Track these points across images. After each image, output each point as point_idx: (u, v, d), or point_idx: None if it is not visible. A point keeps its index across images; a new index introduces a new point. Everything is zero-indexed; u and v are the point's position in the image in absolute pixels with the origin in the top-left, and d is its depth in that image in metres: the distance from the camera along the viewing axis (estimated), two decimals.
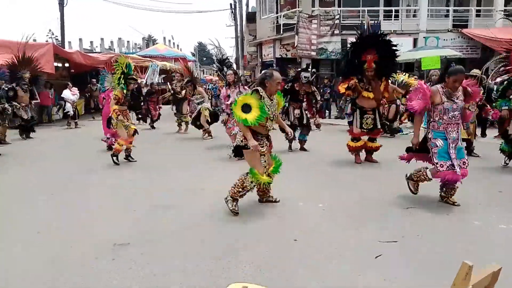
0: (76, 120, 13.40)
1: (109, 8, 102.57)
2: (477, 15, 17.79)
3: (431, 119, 4.32)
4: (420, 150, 4.54)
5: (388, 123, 9.81)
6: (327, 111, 15.11)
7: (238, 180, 4.10)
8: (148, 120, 13.21)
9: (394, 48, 6.35)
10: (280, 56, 18.89)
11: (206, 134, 10.11)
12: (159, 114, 13.39)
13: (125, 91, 6.80)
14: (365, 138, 6.82)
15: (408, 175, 4.72)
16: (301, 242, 3.43)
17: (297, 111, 7.96)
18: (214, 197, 4.86)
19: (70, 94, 13.26)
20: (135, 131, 7.05)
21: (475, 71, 7.28)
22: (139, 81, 11.27)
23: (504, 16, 14.09)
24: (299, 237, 3.52)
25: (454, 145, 4.21)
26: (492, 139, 8.13)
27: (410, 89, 9.15)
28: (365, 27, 6.43)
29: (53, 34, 40.26)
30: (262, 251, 3.27)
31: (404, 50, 16.85)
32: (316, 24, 17.11)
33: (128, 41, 37.80)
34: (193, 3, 69.96)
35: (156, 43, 37.41)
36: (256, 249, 3.31)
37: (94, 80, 16.12)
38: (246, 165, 4.16)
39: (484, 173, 5.97)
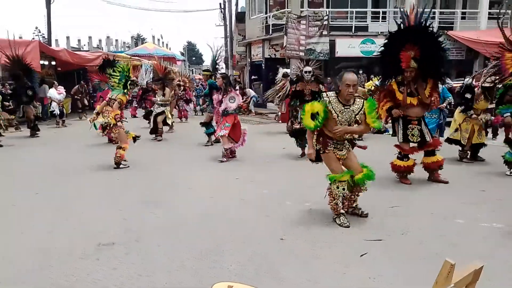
0: (63, 119, 13.21)
1: (97, 6, 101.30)
2: (463, 18, 18.06)
3: None
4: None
5: None
6: None
7: (328, 194, 3.92)
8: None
9: (440, 42, 5.17)
10: (269, 56, 18.92)
11: (158, 135, 9.95)
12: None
13: (127, 96, 6.73)
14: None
15: None
16: (288, 241, 3.44)
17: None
18: (200, 195, 4.85)
19: (56, 93, 13.05)
20: (135, 138, 6.93)
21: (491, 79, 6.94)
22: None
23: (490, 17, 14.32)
24: (286, 236, 3.53)
25: None
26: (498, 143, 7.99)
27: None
28: (408, 14, 5.13)
29: (39, 32, 39.58)
30: (248, 249, 3.26)
31: None
32: (304, 25, 17.16)
33: (116, 40, 37.48)
34: (183, 2, 69.63)
35: (145, 42, 37.14)
36: (243, 247, 3.30)
37: (82, 82, 15.94)
38: (230, 165, 4.13)
39: (467, 173, 6.07)
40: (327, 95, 3.87)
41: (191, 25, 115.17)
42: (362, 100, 3.88)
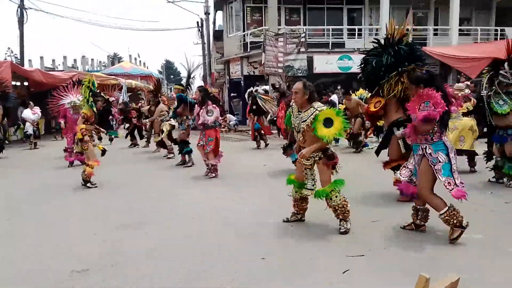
0: (35, 141, 12.85)
1: (72, 26, 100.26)
2: (435, 34, 18.77)
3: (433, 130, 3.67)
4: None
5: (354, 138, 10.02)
6: None
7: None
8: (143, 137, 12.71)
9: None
10: (247, 74, 19.07)
11: (168, 151, 9.82)
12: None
13: (94, 109, 6.59)
14: None
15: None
16: (270, 261, 3.38)
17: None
18: (181, 217, 4.75)
19: (31, 113, 12.76)
20: (104, 151, 6.82)
21: (458, 85, 6.91)
22: (110, 99, 11.02)
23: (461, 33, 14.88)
24: (268, 256, 3.47)
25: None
26: None
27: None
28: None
29: (12, 52, 38.81)
30: (231, 271, 3.18)
31: None
32: (282, 42, 17.44)
33: (92, 59, 36.96)
34: (160, 21, 69.92)
35: (122, 61, 36.87)
36: (225, 268, 3.22)
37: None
38: (210, 184, 4.01)
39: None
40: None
41: (169, 44, 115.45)
42: (316, 111, 3.88)
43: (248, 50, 18.68)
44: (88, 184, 6.39)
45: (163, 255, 3.56)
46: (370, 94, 5.65)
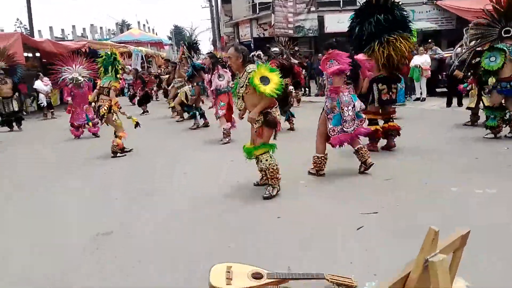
0: (52, 110, 13.11)
1: None
2: None
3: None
4: None
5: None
6: (306, 89, 15.11)
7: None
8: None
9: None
10: (257, 36, 18.71)
11: (176, 115, 10.27)
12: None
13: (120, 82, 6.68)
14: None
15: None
16: (284, 219, 3.48)
17: None
18: (196, 181, 4.87)
19: (43, 84, 12.89)
20: (137, 124, 6.85)
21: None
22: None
23: None
24: (282, 214, 3.57)
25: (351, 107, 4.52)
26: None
27: None
28: None
29: (21, 23, 38.65)
30: (246, 230, 3.30)
31: None
32: (292, 2, 16.93)
33: (101, 27, 36.52)
34: None
35: (130, 28, 36.38)
36: (240, 228, 3.35)
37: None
38: (224, 148, 4.02)
39: (461, 141, 6.14)
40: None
41: (177, 9, 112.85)
42: (248, 74, 3.84)
43: (257, 11, 18.23)
44: (118, 155, 6.45)
45: (179, 219, 3.68)
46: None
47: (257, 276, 2.24)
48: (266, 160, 3.97)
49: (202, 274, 2.50)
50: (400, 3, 5.60)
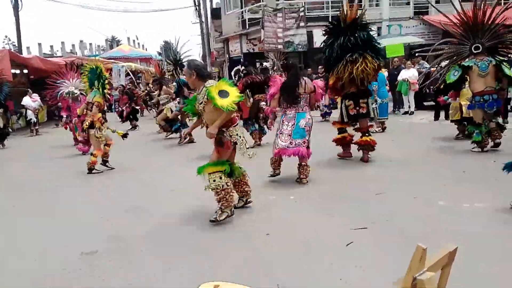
0: (37, 127, 12.98)
1: (68, 11, 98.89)
2: (437, 2, 18.33)
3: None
4: None
5: None
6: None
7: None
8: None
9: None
10: (247, 51, 18.85)
11: (163, 131, 10.20)
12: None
13: (106, 97, 6.61)
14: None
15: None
16: (274, 236, 3.43)
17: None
18: (183, 197, 4.80)
19: (31, 101, 12.81)
20: (125, 135, 6.85)
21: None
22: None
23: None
24: (272, 231, 3.52)
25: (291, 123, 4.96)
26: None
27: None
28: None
29: (9, 40, 38.50)
30: (235, 248, 3.24)
31: None
32: (281, 18, 17.15)
33: (90, 44, 36.59)
34: (155, 1, 68.69)
35: (120, 44, 36.47)
36: (230, 246, 3.28)
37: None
38: None
39: (449, 154, 6.18)
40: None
41: (167, 25, 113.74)
42: (207, 89, 3.70)
43: (247, 27, 18.42)
44: (94, 171, 6.41)
45: (167, 236, 3.61)
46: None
47: None
48: (214, 180, 3.71)
49: None
50: (367, 22, 5.91)
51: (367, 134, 5.93)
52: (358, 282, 2.60)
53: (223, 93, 3.65)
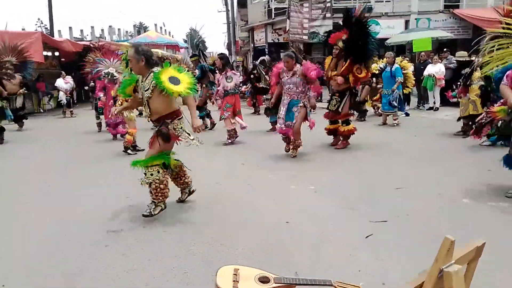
0: (71, 109, 13.33)
1: None
2: None
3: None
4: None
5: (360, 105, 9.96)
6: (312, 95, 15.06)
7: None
8: None
9: (367, 31, 6.16)
10: (272, 41, 18.75)
11: None
12: None
13: None
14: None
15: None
16: (293, 225, 3.47)
17: None
18: (206, 180, 4.88)
19: (63, 82, 13.15)
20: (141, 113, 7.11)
21: (461, 53, 7.22)
22: None
23: None
24: (291, 220, 3.55)
25: (285, 108, 5.87)
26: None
27: (405, 71, 9.20)
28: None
29: (42, 23, 39.41)
30: (255, 234, 3.29)
31: (396, 32, 16.81)
32: (307, 8, 16.95)
33: (119, 29, 37.13)
34: None
35: (148, 30, 36.79)
36: (249, 232, 3.34)
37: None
38: (235, 150, 4.02)
39: (472, 151, 6.04)
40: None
41: (193, 12, 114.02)
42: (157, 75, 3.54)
43: (273, 16, 18.29)
44: (129, 152, 6.63)
45: (189, 218, 3.70)
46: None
47: (264, 280, 2.22)
48: (152, 174, 3.63)
49: (210, 277, 2.50)
50: (368, 20, 6.22)
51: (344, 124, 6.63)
52: (377, 274, 2.60)
53: (173, 80, 3.50)
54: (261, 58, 13.36)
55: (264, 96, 12.00)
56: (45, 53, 14.29)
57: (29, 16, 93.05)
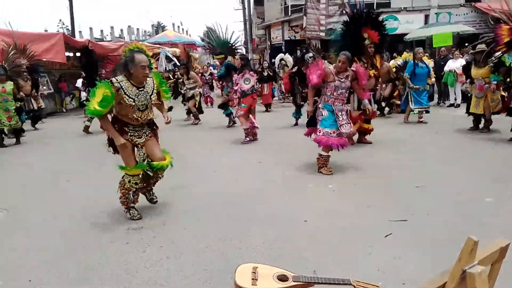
0: None
1: None
2: None
3: (324, 93, 4.96)
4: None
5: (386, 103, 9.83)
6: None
7: (120, 188, 3.76)
8: None
9: (383, 25, 6.46)
10: (289, 38, 18.68)
11: (194, 119, 10.36)
12: None
13: None
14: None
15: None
16: (311, 223, 3.46)
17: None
18: (225, 179, 4.92)
19: None
20: (170, 108, 7.30)
21: (481, 47, 7.01)
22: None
23: None
24: (309, 218, 3.54)
25: (343, 113, 4.97)
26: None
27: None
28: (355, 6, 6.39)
29: (63, 24, 40.29)
30: (273, 232, 3.30)
31: (415, 27, 16.48)
32: (324, 4, 16.80)
33: (137, 29, 37.80)
34: None
35: (165, 30, 37.19)
36: (267, 230, 3.35)
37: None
38: (253, 148, 4.13)
39: (495, 149, 5.90)
40: (116, 79, 3.46)
41: (210, 11, 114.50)
42: (152, 78, 3.68)
43: (289, 13, 18.21)
44: None
45: (208, 216, 3.74)
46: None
47: (282, 278, 2.23)
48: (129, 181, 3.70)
49: (229, 274, 2.52)
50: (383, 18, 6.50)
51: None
52: (396, 273, 2.58)
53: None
54: (279, 56, 13.48)
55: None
56: (66, 53, 14.58)
57: (51, 18, 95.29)
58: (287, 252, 2.94)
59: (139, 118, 3.61)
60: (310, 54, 7.98)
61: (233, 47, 10.04)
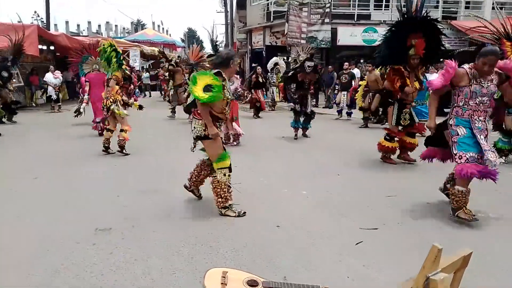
0: (59, 104, 13.21)
1: None
2: (466, 7, 17.86)
3: (455, 104, 3.67)
4: (441, 143, 3.88)
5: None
6: (313, 101, 15.07)
7: (214, 188, 3.73)
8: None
9: (441, 33, 5.43)
10: (269, 44, 18.77)
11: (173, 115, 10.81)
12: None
13: (125, 73, 6.74)
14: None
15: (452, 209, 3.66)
16: (284, 229, 3.45)
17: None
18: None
19: (52, 77, 13.01)
20: (141, 106, 7.11)
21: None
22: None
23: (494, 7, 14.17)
24: (282, 223, 3.54)
25: (483, 136, 3.54)
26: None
27: None
28: (413, 3, 5.29)
29: (38, 16, 39.15)
30: (244, 237, 3.27)
31: None
32: (306, 12, 17.00)
33: (116, 25, 37.14)
34: None
35: (145, 28, 36.74)
36: (239, 234, 3.32)
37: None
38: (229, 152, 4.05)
39: None
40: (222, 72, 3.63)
41: (192, 12, 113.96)
42: None
43: (271, 19, 18.31)
44: (124, 151, 6.40)
45: (178, 219, 3.68)
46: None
47: (252, 283, 2.21)
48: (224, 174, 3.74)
49: (198, 279, 2.48)
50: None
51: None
52: (365, 281, 2.60)
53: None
54: (273, 60, 13.38)
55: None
56: (40, 46, 14.15)
57: (25, 9, 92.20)
58: (258, 258, 2.91)
59: (226, 113, 3.75)
60: (311, 63, 7.59)
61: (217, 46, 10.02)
